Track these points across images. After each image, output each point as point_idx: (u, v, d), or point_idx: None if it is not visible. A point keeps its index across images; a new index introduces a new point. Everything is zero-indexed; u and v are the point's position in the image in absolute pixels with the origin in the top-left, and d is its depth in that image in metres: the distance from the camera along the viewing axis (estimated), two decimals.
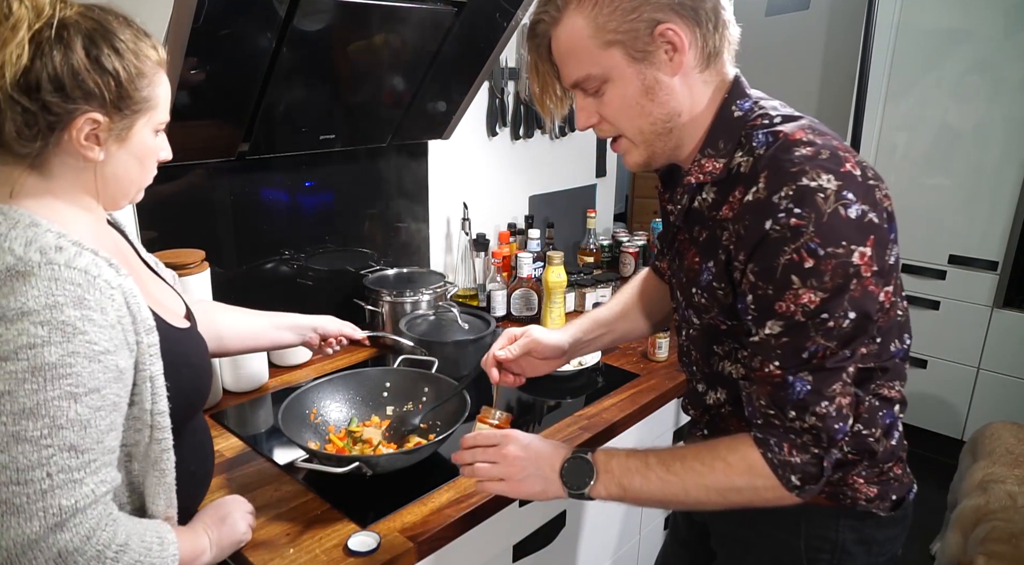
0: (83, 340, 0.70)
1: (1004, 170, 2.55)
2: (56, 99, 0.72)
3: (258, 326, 1.24)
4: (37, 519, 0.67)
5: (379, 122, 1.64)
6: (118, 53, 0.75)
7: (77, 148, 0.76)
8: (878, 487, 0.94)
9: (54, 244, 0.72)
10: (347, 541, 1.02)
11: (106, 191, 0.82)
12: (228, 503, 0.99)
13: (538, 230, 2.08)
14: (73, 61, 0.72)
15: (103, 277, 0.73)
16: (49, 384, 0.68)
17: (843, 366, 0.81)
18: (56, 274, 0.69)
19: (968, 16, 2.52)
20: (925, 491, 2.49)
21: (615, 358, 1.68)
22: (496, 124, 2.08)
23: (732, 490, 0.87)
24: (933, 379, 2.86)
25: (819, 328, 0.78)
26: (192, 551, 0.87)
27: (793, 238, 0.76)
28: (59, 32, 0.72)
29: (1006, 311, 2.65)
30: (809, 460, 0.83)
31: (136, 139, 0.80)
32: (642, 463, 0.91)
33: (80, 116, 0.74)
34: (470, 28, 1.50)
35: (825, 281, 0.76)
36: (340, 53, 1.40)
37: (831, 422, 0.82)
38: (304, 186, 1.69)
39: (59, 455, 0.69)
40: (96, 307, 0.71)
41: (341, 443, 1.25)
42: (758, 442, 0.85)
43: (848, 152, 0.81)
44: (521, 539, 1.31)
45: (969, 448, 2.21)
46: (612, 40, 0.83)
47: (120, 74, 0.75)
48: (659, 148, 0.91)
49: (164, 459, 0.83)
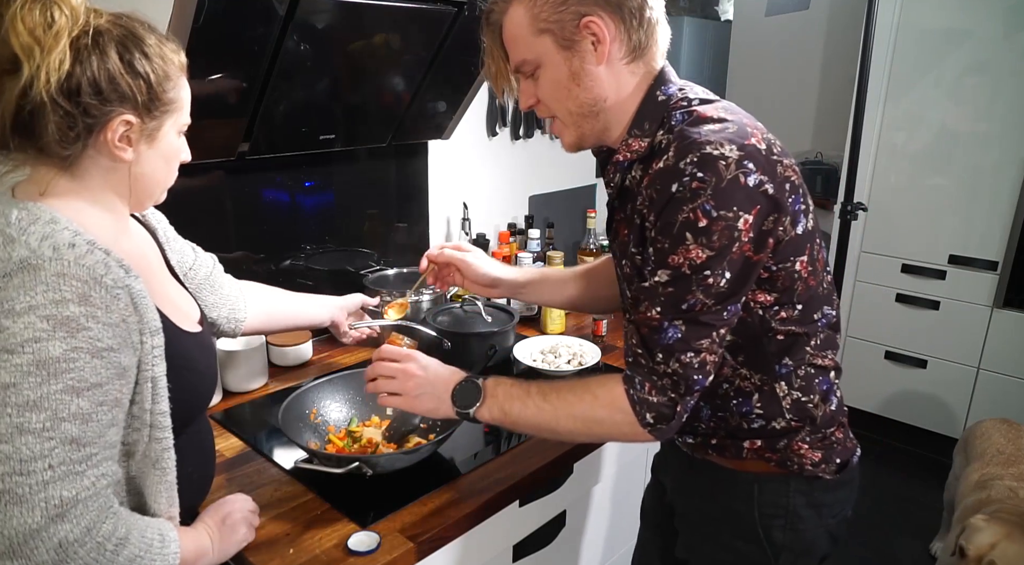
0: (86, 336, 0.71)
1: (1004, 170, 2.55)
2: (95, 102, 0.76)
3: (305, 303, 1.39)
4: (39, 509, 0.68)
5: (379, 122, 1.64)
6: (147, 57, 0.79)
7: (111, 149, 0.79)
8: (822, 452, 1.01)
9: (68, 241, 0.73)
10: (347, 541, 1.02)
11: (134, 191, 0.85)
12: (230, 503, 0.99)
13: (538, 230, 2.08)
14: (109, 66, 0.76)
15: (110, 276, 0.74)
16: (52, 378, 0.70)
17: (714, 324, 0.88)
18: (64, 270, 0.71)
19: (968, 16, 2.52)
20: (925, 491, 2.49)
21: (615, 358, 1.68)
22: (496, 124, 2.09)
23: (594, 421, 0.95)
24: (933, 379, 2.86)
25: (700, 283, 0.86)
26: (194, 551, 0.87)
27: (692, 198, 0.83)
28: (95, 39, 0.76)
29: (1006, 311, 2.65)
30: (665, 402, 0.91)
31: (164, 140, 0.84)
32: (524, 392, 1.00)
33: (115, 118, 0.77)
34: (470, 28, 1.50)
35: (713, 240, 0.84)
36: (340, 53, 1.40)
37: (691, 372, 0.89)
38: (304, 186, 1.69)
39: (61, 447, 0.70)
40: (100, 305, 0.73)
41: (341, 443, 1.25)
42: (625, 379, 0.93)
43: (757, 129, 0.89)
44: (521, 539, 1.31)
45: (961, 446, 2.21)
46: (543, 28, 0.92)
47: (151, 77, 0.79)
48: (587, 130, 0.99)
49: (165, 458, 0.84)
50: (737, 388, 1.00)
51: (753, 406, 0.99)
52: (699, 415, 1.04)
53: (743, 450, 1.02)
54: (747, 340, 0.96)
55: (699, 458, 1.08)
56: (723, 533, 1.07)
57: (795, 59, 3.26)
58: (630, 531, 1.68)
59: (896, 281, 2.86)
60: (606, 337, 1.79)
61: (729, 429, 1.02)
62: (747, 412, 1.00)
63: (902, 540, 2.37)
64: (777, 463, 1.01)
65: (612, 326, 1.83)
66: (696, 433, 1.06)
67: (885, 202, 2.82)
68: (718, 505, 1.07)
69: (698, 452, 1.08)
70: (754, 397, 0.99)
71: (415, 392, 1.04)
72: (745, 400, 1.00)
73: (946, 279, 2.75)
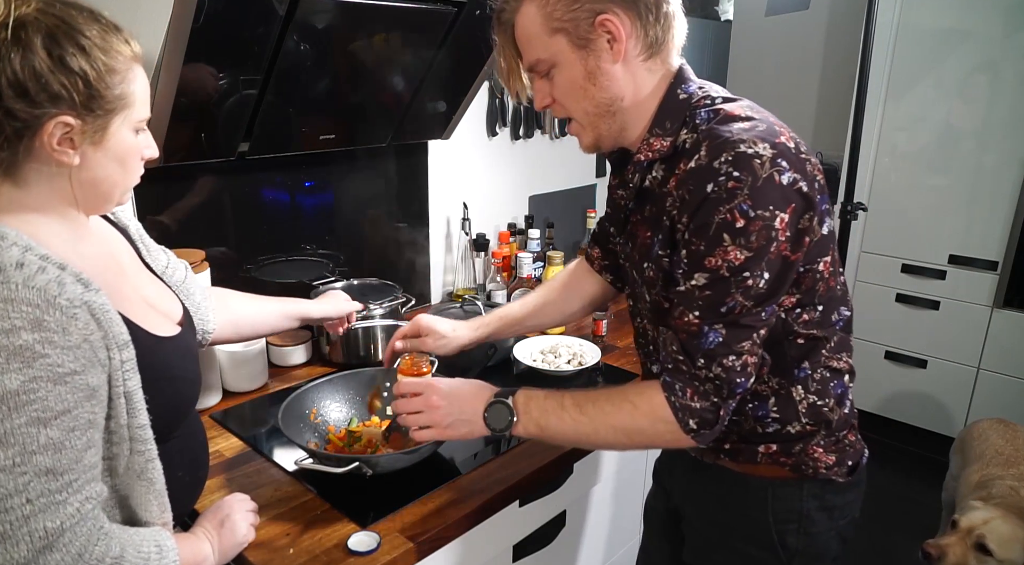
0: (44, 363, 0.67)
1: (1004, 170, 2.55)
2: (20, 105, 0.68)
3: (271, 315, 1.28)
4: (24, 544, 0.67)
5: (379, 122, 1.64)
6: (84, 51, 0.71)
7: (50, 154, 0.72)
8: (836, 455, 1.00)
9: (16, 260, 0.68)
10: (347, 541, 1.02)
11: (85, 196, 0.78)
12: (229, 505, 0.98)
13: (538, 230, 2.08)
14: (34, 63, 0.68)
15: (64, 295, 0.69)
16: (14, 412, 0.66)
17: (755, 325, 0.87)
18: (11, 295, 0.66)
19: (968, 16, 2.52)
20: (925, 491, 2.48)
21: (615, 358, 1.68)
22: (496, 124, 2.08)
23: (636, 431, 0.94)
24: (933, 379, 2.86)
25: (739, 285, 0.84)
26: (193, 557, 0.86)
27: (728, 199, 0.82)
28: (16, 33, 0.68)
29: (1006, 311, 2.65)
30: (708, 407, 0.89)
31: (113, 140, 0.76)
32: (558, 405, 0.98)
33: (49, 121, 0.70)
34: (470, 28, 1.50)
35: (751, 241, 0.82)
36: (340, 53, 1.40)
37: (734, 375, 0.88)
38: (304, 186, 1.69)
39: (36, 480, 0.67)
40: (56, 328, 0.68)
41: (341, 443, 1.25)
42: (665, 386, 0.91)
43: (783, 128, 0.88)
44: (521, 539, 1.31)
45: (958, 446, 2.21)
46: (557, 27, 0.90)
47: (88, 73, 0.71)
48: (604, 130, 0.97)
49: (149, 469, 0.81)
50: (753, 392, 0.97)
51: (769, 410, 0.98)
52: None
53: (757, 454, 1.00)
54: (769, 344, 0.94)
55: (708, 462, 1.06)
56: (734, 539, 1.05)
57: (795, 59, 3.26)
58: (630, 531, 1.68)
59: (896, 281, 2.86)
60: (606, 337, 1.79)
61: (743, 433, 1.00)
62: (762, 416, 0.98)
63: (902, 540, 2.37)
64: (791, 467, 1.00)
65: (612, 326, 1.83)
66: None
67: (885, 202, 2.82)
68: (729, 510, 1.06)
69: (708, 456, 1.06)
70: (770, 401, 0.98)
71: (445, 422, 1.03)
72: (761, 404, 0.98)
73: (946, 279, 2.75)
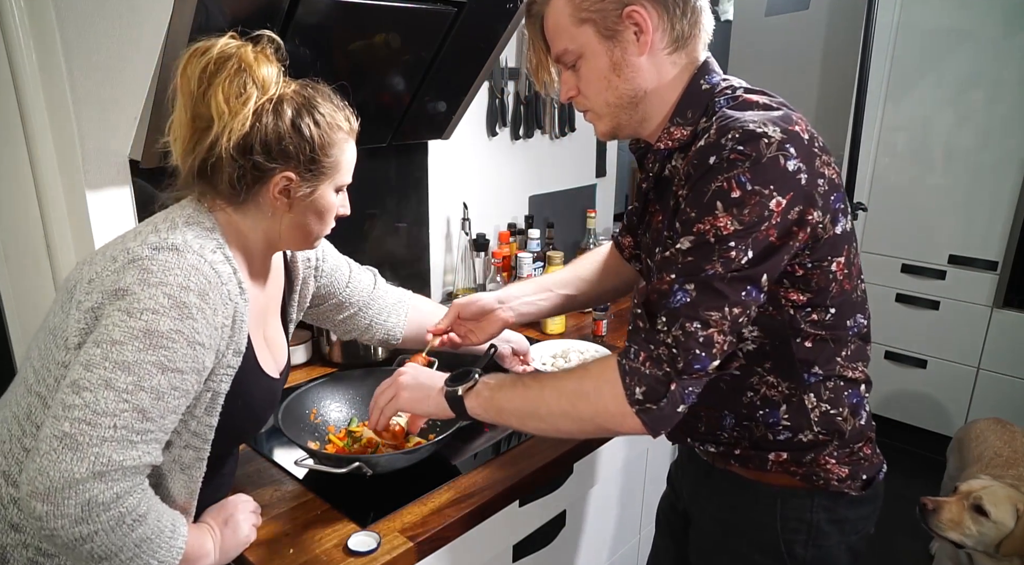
0: (191, 325, 0.79)
1: (1004, 170, 2.55)
2: (262, 159, 0.87)
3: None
4: (87, 461, 0.73)
5: (379, 122, 1.64)
6: (316, 123, 0.89)
7: (271, 200, 0.90)
8: (849, 467, 0.97)
9: (213, 249, 0.85)
10: (347, 541, 1.02)
11: (286, 237, 0.95)
12: (232, 504, 0.99)
13: (538, 230, 2.08)
14: (280, 129, 0.87)
15: (228, 287, 0.84)
16: (150, 349, 0.77)
17: (728, 295, 0.81)
18: (199, 265, 0.81)
19: (968, 16, 2.52)
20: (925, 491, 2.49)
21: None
22: (496, 124, 2.08)
23: (579, 394, 0.89)
24: (933, 379, 2.86)
25: (721, 255, 0.81)
26: (196, 551, 0.88)
27: (728, 168, 0.80)
28: (276, 105, 0.87)
29: (1006, 311, 2.65)
30: (659, 376, 0.83)
31: (319, 196, 0.93)
32: (516, 378, 0.98)
33: (278, 173, 0.88)
34: (470, 28, 1.50)
35: (744, 213, 0.80)
36: (340, 53, 1.40)
37: (693, 344, 0.81)
38: None
39: (131, 413, 0.76)
40: (212, 305, 0.81)
41: (341, 443, 1.25)
42: (622, 352, 0.87)
43: (802, 120, 0.85)
44: (521, 539, 1.31)
45: (955, 447, 2.21)
46: (585, 18, 0.90)
47: (315, 141, 0.89)
48: (624, 120, 0.97)
49: (195, 467, 0.89)
50: (764, 397, 0.96)
51: (780, 417, 0.96)
52: (723, 424, 1.00)
53: (767, 462, 0.98)
54: (775, 343, 0.93)
55: (720, 468, 1.05)
56: (741, 545, 1.04)
57: (795, 59, 3.26)
58: (630, 531, 1.68)
59: (896, 281, 2.87)
60: (606, 337, 1.80)
61: (753, 440, 0.99)
62: (773, 423, 0.96)
63: (902, 540, 2.37)
64: (802, 477, 0.98)
65: (612, 326, 1.83)
66: (719, 442, 1.02)
67: (885, 202, 2.82)
68: (738, 516, 1.04)
69: (719, 462, 1.05)
70: (781, 408, 0.96)
71: (402, 387, 1.04)
72: (772, 410, 0.96)
73: (946, 279, 2.75)
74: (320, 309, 1.23)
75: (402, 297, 1.33)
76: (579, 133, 2.37)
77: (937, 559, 2.01)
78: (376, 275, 1.31)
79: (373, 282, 1.29)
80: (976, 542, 1.68)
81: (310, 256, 1.15)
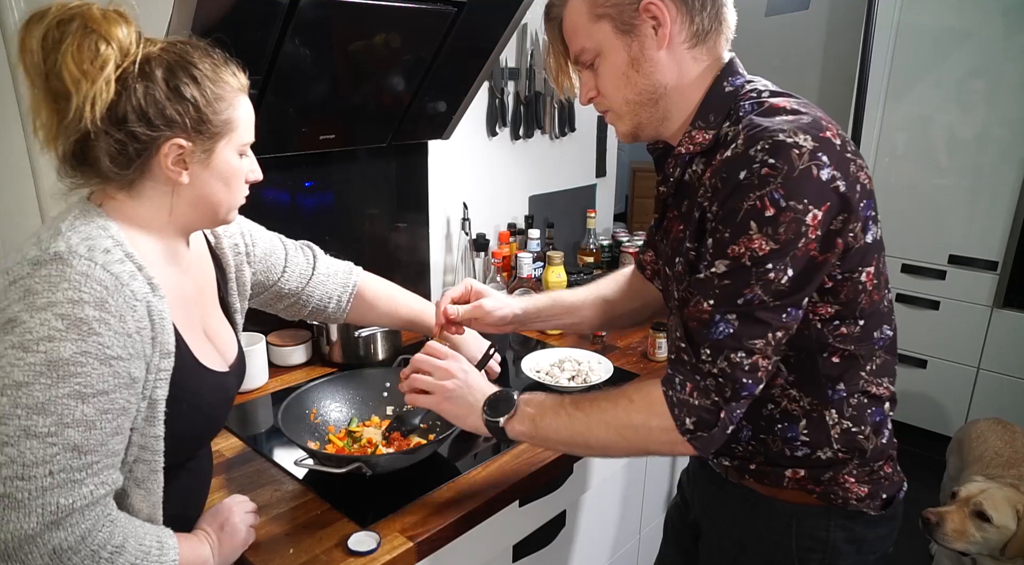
0: (96, 341, 0.72)
1: (1004, 170, 2.55)
2: (141, 128, 0.78)
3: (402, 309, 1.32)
4: (35, 515, 0.69)
5: (379, 122, 1.64)
6: (196, 81, 0.81)
7: (166, 172, 0.82)
8: (868, 486, 0.94)
9: (105, 247, 0.76)
10: (347, 541, 1.02)
11: (194, 214, 0.87)
12: (227, 508, 0.97)
13: (538, 230, 2.08)
14: (155, 92, 0.79)
15: (131, 287, 0.76)
16: (61, 381, 0.70)
17: (771, 323, 0.81)
18: (90, 271, 0.73)
19: (968, 16, 2.52)
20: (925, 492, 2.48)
21: (615, 358, 1.68)
22: (496, 124, 2.08)
23: (629, 427, 0.88)
24: (933, 379, 2.86)
25: (760, 277, 0.79)
26: (193, 561, 0.86)
27: (760, 185, 0.78)
28: (142, 67, 0.79)
29: (1006, 311, 2.65)
30: (708, 406, 0.83)
31: (219, 160, 0.85)
32: (558, 403, 0.95)
33: (165, 142, 0.80)
34: (470, 28, 1.50)
35: (779, 232, 0.78)
36: (340, 53, 1.40)
37: (740, 373, 0.81)
38: (304, 186, 1.69)
39: (63, 454, 0.70)
40: (115, 313, 0.74)
41: (341, 443, 1.25)
42: (664, 380, 0.87)
43: (832, 124, 0.83)
44: (521, 539, 1.31)
45: (955, 447, 2.21)
46: (601, 14, 0.89)
47: (198, 100, 0.81)
48: (645, 118, 0.94)
49: (151, 480, 0.83)
50: (784, 411, 0.93)
51: (799, 432, 0.92)
52: (738, 437, 0.97)
53: (784, 478, 0.95)
54: (801, 357, 0.90)
55: (733, 482, 1.02)
56: (753, 561, 1.01)
57: (795, 59, 3.26)
58: (630, 531, 1.68)
59: (896, 281, 2.86)
60: (606, 337, 1.79)
61: (770, 455, 0.96)
62: (792, 438, 0.93)
63: (902, 539, 2.36)
64: (819, 495, 0.94)
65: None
66: (734, 455, 0.99)
67: (885, 202, 2.79)
68: (751, 530, 1.01)
69: (733, 476, 1.02)
70: (801, 423, 0.92)
71: (447, 393, 1.00)
72: (791, 425, 0.93)
73: (946, 279, 2.76)
74: (261, 298, 1.18)
75: (347, 279, 1.26)
76: (579, 133, 2.37)
77: (937, 560, 2.01)
78: (315, 253, 1.24)
79: (312, 264, 1.22)
80: (981, 548, 1.68)
81: (238, 242, 1.07)
